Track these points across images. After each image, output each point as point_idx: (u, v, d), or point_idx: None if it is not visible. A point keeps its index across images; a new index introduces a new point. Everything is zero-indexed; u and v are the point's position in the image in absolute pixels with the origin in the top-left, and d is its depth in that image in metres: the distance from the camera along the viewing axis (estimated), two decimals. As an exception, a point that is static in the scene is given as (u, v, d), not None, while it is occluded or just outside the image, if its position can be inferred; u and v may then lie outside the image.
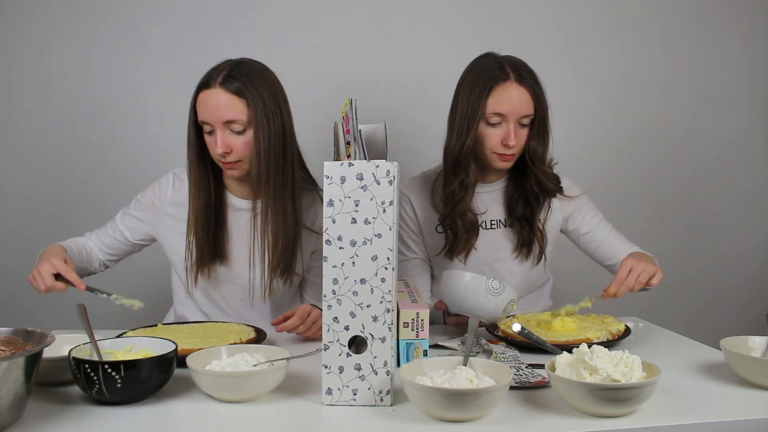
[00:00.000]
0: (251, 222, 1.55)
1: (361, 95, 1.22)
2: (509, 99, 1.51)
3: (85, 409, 1.03)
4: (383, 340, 1.03)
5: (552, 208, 1.67)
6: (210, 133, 1.47)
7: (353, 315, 1.03)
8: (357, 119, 1.08)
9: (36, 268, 1.37)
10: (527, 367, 1.21)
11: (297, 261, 1.56)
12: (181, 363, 1.09)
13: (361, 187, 1.02)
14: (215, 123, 1.45)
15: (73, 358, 1.03)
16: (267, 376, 1.06)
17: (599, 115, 2.39)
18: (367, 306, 1.03)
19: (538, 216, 1.65)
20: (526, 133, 1.55)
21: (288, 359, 1.10)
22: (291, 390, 1.11)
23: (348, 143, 1.11)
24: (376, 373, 1.04)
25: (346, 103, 1.11)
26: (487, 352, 1.33)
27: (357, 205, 1.02)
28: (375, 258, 1.03)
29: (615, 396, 0.97)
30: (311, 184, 1.63)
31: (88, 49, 2.14)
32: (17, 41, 2.12)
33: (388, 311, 1.03)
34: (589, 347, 1.06)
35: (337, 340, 1.04)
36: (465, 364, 1.07)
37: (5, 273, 2.15)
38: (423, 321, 1.22)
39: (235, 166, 1.48)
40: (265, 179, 1.47)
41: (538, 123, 1.55)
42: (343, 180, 1.02)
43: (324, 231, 1.03)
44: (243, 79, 1.45)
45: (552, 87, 1.57)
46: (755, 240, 2.54)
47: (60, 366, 1.09)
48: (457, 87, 1.60)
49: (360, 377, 1.04)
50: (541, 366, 1.14)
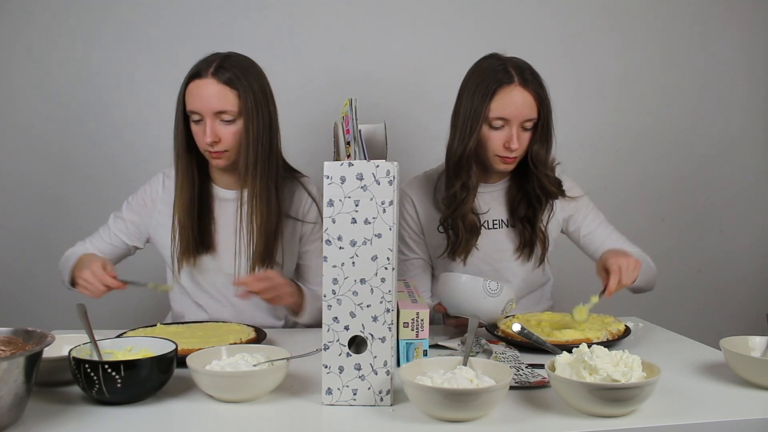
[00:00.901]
0: (237, 212, 1.56)
1: (361, 95, 1.22)
2: (513, 103, 1.50)
3: (85, 409, 1.03)
4: (383, 340, 1.03)
5: (554, 209, 1.67)
6: (197, 122, 1.48)
7: (353, 315, 1.03)
8: (357, 119, 1.08)
9: (81, 277, 1.42)
10: (527, 367, 1.21)
11: (278, 249, 1.57)
12: (181, 363, 1.09)
13: (361, 187, 1.02)
14: (205, 112, 1.46)
15: (73, 358, 1.03)
16: (267, 376, 1.06)
17: (599, 116, 2.39)
18: (367, 306, 1.03)
19: (540, 217, 1.65)
20: (528, 137, 1.55)
21: (288, 359, 1.10)
22: (291, 390, 1.11)
23: (348, 143, 1.11)
24: (376, 373, 1.04)
25: (346, 103, 1.11)
26: (487, 352, 1.33)
27: (357, 205, 1.02)
28: (375, 258, 1.03)
29: (615, 396, 0.97)
30: (290, 172, 1.65)
31: (88, 49, 2.14)
32: (17, 41, 2.12)
33: (388, 311, 1.03)
34: (589, 347, 1.06)
35: (337, 340, 1.04)
36: (465, 364, 1.07)
37: (5, 273, 2.15)
38: (423, 321, 1.22)
39: (222, 155, 1.50)
40: (252, 169, 1.50)
41: (541, 127, 1.54)
42: (343, 180, 1.02)
43: (324, 231, 1.03)
44: (234, 71, 1.48)
45: (552, 87, 1.57)
46: (755, 240, 2.54)
47: (60, 366, 1.09)
48: (461, 87, 1.59)
49: (360, 377, 1.04)
50: (541, 366, 1.14)
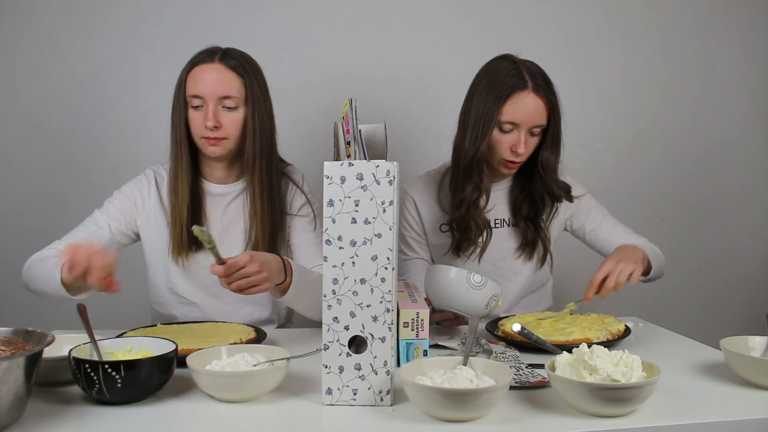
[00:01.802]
0: (228, 206, 1.56)
1: (361, 95, 1.22)
2: (525, 108, 1.50)
3: (85, 409, 1.03)
4: (383, 340, 1.03)
5: (557, 209, 1.67)
6: (197, 108, 1.48)
7: (353, 315, 1.03)
8: (357, 119, 1.08)
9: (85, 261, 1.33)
10: (527, 367, 1.21)
11: (281, 243, 1.57)
12: (181, 363, 1.09)
13: (361, 187, 1.02)
14: (209, 97, 1.46)
15: (73, 358, 1.03)
16: (267, 376, 1.06)
17: (599, 115, 2.39)
18: (367, 306, 1.03)
19: (542, 216, 1.65)
20: (535, 142, 1.55)
21: (288, 359, 1.10)
22: (291, 390, 1.11)
23: (348, 143, 1.11)
24: (376, 373, 1.04)
25: (346, 103, 1.11)
26: (487, 352, 1.33)
27: (357, 205, 1.02)
28: (375, 258, 1.03)
29: (615, 396, 0.97)
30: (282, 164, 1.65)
31: (88, 49, 2.14)
32: (18, 41, 2.12)
33: (388, 311, 1.03)
34: (589, 347, 1.06)
35: (337, 339, 1.04)
36: (465, 364, 1.07)
37: (6, 273, 2.15)
38: (423, 321, 1.22)
39: (219, 143, 1.49)
40: (258, 158, 1.51)
41: (551, 133, 1.54)
42: (343, 180, 1.02)
43: (324, 231, 1.03)
44: (240, 60, 1.51)
45: (552, 87, 1.57)
46: (755, 240, 2.54)
47: (60, 366, 1.09)
48: (472, 86, 1.58)
49: (360, 377, 1.04)
50: (541, 366, 1.15)
